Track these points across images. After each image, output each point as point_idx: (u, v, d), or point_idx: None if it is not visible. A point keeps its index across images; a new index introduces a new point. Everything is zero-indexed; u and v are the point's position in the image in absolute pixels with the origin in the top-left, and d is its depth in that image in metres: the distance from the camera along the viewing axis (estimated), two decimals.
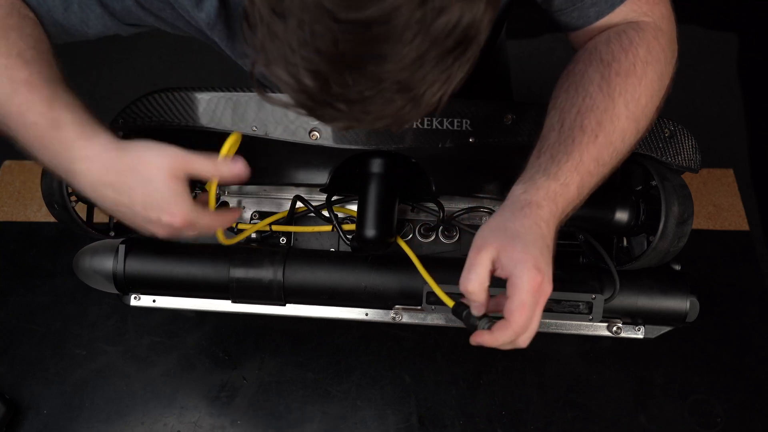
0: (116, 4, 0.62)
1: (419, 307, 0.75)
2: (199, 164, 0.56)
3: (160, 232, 0.58)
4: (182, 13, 0.63)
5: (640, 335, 0.80)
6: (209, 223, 0.60)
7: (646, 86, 0.61)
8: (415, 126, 0.71)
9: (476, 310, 0.58)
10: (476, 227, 0.83)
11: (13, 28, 0.56)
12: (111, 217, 0.79)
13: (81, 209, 0.74)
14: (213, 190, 0.62)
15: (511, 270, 0.54)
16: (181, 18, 0.64)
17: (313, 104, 0.46)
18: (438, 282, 0.69)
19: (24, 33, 0.57)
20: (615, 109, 0.59)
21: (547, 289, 0.54)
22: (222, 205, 0.85)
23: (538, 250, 0.54)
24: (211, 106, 0.70)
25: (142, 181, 0.55)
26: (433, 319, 0.81)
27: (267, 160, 0.76)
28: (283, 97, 0.48)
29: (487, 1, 0.42)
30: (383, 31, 0.40)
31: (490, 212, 0.79)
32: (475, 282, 0.55)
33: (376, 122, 0.47)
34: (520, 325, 0.54)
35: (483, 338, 0.56)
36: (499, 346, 0.55)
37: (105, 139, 0.55)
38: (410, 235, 0.84)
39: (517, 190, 0.59)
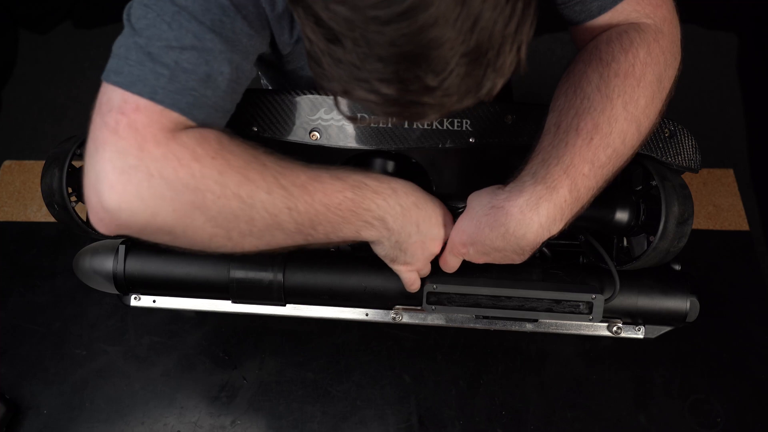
0: (251, 54, 0.59)
1: (419, 308, 0.75)
2: None
3: (437, 247, 0.66)
4: (275, 30, 0.62)
5: (640, 335, 0.80)
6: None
7: (645, 87, 0.60)
8: (415, 126, 0.71)
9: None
10: None
11: (257, 154, 0.56)
12: None
13: (81, 209, 0.74)
14: None
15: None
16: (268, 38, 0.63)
17: (400, 109, 0.48)
18: (438, 282, 0.69)
19: (259, 148, 0.57)
20: (613, 110, 0.59)
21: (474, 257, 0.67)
22: None
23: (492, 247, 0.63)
24: None
25: (429, 198, 0.65)
26: (433, 319, 0.81)
27: None
28: (373, 116, 0.50)
29: None
30: (428, 11, 0.40)
31: None
32: (455, 268, 0.70)
33: (464, 100, 0.48)
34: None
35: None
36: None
37: (386, 175, 0.63)
38: None
39: (502, 192, 0.61)
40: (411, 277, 0.69)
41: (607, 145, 0.59)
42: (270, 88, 0.96)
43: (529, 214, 0.59)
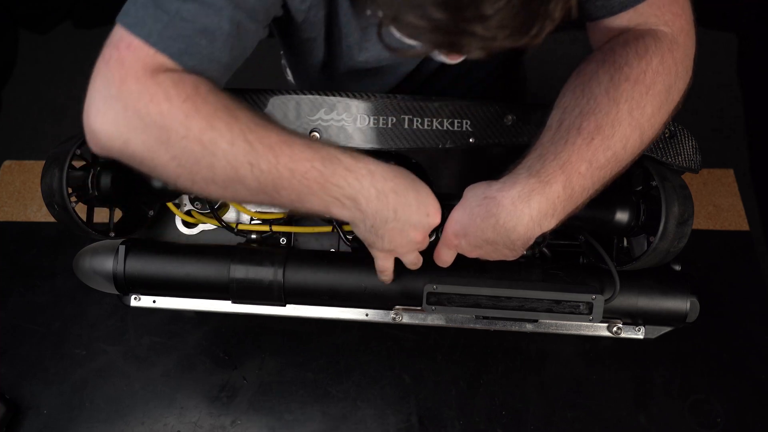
0: (259, 13, 0.61)
1: (419, 308, 0.75)
2: None
3: (420, 236, 0.64)
4: None
5: (640, 336, 0.80)
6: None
7: (653, 96, 0.60)
8: (415, 126, 0.71)
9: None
10: None
11: (230, 106, 0.57)
12: (111, 218, 0.79)
13: (81, 209, 0.74)
14: None
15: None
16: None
17: (449, 38, 0.47)
18: (439, 283, 0.69)
19: (237, 103, 0.58)
20: (618, 114, 0.59)
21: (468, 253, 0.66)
22: (222, 205, 0.85)
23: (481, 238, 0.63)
24: None
25: (412, 182, 0.62)
26: (433, 319, 0.81)
27: None
28: (418, 45, 0.50)
29: None
30: None
31: None
32: (448, 262, 0.69)
33: (512, 37, 0.47)
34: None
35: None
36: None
37: (367, 156, 0.60)
38: None
39: (496, 183, 0.61)
40: (384, 265, 0.68)
41: (607, 147, 0.59)
42: (287, 65, 0.97)
43: (520, 206, 0.58)
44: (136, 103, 0.55)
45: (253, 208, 0.85)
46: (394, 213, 0.61)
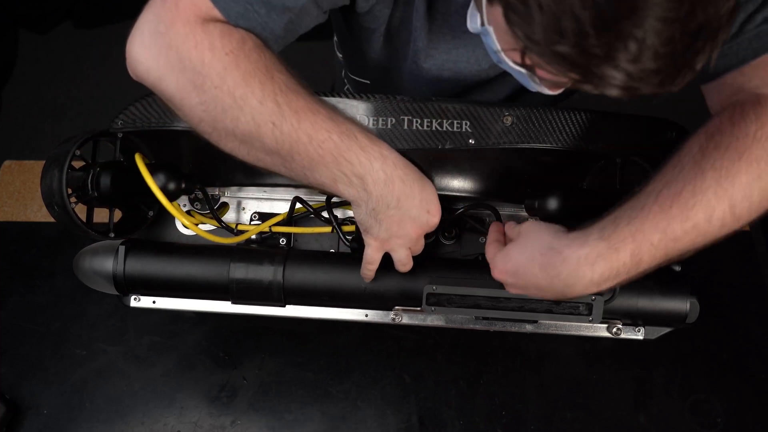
0: (324, 2, 0.62)
1: (419, 309, 0.75)
2: None
3: (415, 232, 0.65)
4: None
5: (640, 336, 0.80)
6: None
7: (748, 164, 0.55)
8: (415, 127, 0.71)
9: None
10: (476, 229, 0.83)
11: (269, 66, 0.58)
12: (111, 218, 0.79)
13: (81, 210, 0.74)
14: None
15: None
16: None
17: (596, 62, 0.43)
18: (439, 283, 0.69)
19: (276, 65, 0.59)
20: (703, 183, 0.55)
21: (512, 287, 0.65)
22: (222, 206, 0.85)
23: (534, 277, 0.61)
24: None
25: (419, 178, 0.64)
26: (433, 320, 0.81)
27: None
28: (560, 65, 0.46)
29: None
30: None
31: (492, 211, 0.79)
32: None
33: (664, 83, 0.45)
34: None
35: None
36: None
37: (383, 141, 0.62)
38: None
39: (565, 237, 0.59)
40: (372, 256, 0.68)
41: (686, 218, 0.55)
42: (340, 52, 1.00)
43: (584, 268, 0.57)
44: (180, 46, 0.56)
45: (253, 208, 0.85)
46: (397, 201, 0.62)
